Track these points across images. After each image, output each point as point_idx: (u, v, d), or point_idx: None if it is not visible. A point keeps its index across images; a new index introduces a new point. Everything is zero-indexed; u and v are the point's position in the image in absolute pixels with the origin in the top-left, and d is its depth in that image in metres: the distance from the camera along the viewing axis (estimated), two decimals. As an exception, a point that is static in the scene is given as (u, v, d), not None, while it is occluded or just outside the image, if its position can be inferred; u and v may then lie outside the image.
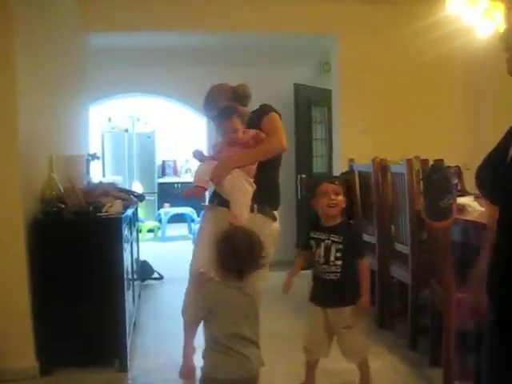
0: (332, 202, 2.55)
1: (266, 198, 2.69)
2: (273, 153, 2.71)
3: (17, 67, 2.81)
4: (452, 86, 5.37)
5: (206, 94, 2.94)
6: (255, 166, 2.65)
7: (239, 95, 2.86)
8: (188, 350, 2.94)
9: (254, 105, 2.90)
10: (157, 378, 2.96)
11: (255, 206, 2.65)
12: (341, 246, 2.52)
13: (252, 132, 2.68)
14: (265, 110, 2.81)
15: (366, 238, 3.99)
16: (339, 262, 2.51)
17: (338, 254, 2.52)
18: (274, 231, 2.75)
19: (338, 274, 2.52)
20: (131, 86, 6.01)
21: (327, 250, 2.53)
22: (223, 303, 2.02)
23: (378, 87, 5.19)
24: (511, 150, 1.28)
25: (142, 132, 9.50)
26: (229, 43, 5.58)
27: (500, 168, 1.28)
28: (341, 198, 2.59)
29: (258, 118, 2.75)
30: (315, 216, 2.66)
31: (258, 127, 2.71)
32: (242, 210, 2.56)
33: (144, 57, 5.59)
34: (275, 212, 2.79)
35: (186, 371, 2.89)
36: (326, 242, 2.54)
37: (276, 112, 2.81)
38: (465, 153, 4.81)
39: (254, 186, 2.62)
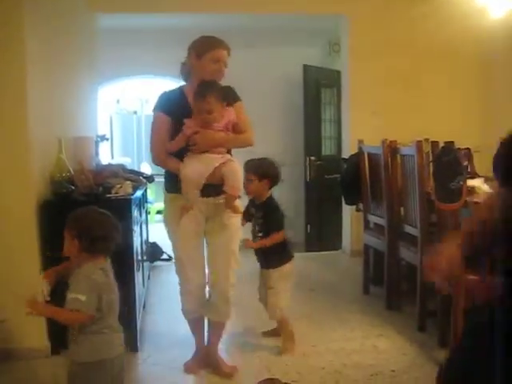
0: (245, 188, 2.92)
1: None
2: (247, 145, 2.67)
3: (26, 49, 2.80)
4: (464, 67, 5.30)
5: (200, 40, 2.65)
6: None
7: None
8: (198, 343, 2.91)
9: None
10: (167, 357, 2.99)
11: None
12: (261, 221, 3.04)
13: (232, 117, 2.58)
14: (235, 95, 2.71)
15: (375, 219, 3.99)
16: (260, 234, 3.05)
17: (259, 228, 3.05)
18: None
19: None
20: (140, 67, 5.99)
21: (256, 223, 3.08)
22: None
23: (388, 68, 5.13)
24: None
25: (151, 114, 9.47)
26: (238, 24, 5.53)
27: None
28: (252, 185, 2.99)
29: (229, 101, 2.63)
30: None
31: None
32: (236, 178, 2.57)
33: (152, 38, 5.56)
34: None
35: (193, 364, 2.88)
36: (256, 216, 3.07)
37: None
38: (475, 135, 4.76)
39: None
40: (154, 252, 5.06)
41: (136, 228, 3.26)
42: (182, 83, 2.80)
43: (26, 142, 2.83)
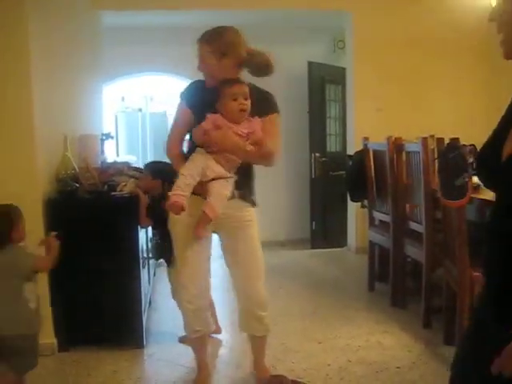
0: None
1: (246, 184, 2.46)
2: (270, 163, 2.43)
3: (29, 47, 2.81)
4: (469, 62, 5.28)
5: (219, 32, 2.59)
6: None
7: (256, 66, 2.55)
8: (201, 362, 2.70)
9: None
10: (173, 354, 3.01)
11: (235, 191, 2.40)
12: None
13: (258, 130, 2.34)
14: (274, 105, 2.49)
15: (381, 216, 3.98)
16: None
17: None
18: (252, 216, 2.48)
19: None
20: (144, 64, 5.98)
21: None
22: None
23: (394, 64, 5.12)
24: (506, 146, 1.10)
25: (156, 111, 9.48)
26: (242, 20, 5.48)
27: (492, 164, 1.13)
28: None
29: (264, 109, 2.43)
30: None
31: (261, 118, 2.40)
32: (221, 203, 2.34)
33: (157, 35, 5.56)
34: (253, 198, 2.52)
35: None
36: None
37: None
38: (481, 131, 4.73)
39: (234, 176, 2.38)
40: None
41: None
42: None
43: (31, 139, 2.84)
